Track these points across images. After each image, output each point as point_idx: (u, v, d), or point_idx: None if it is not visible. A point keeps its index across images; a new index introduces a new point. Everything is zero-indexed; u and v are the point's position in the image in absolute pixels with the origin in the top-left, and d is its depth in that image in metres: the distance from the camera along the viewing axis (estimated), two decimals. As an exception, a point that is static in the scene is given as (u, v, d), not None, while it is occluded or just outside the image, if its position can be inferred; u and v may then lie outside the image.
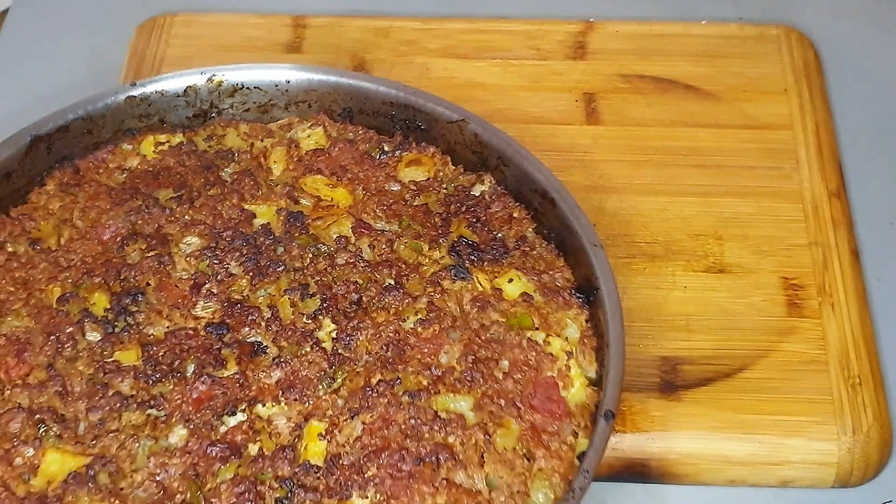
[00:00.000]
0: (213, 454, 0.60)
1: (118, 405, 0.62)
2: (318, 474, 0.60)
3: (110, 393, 0.63)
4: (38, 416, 0.61)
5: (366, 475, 0.60)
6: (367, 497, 0.59)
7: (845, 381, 0.74)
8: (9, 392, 0.63)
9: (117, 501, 0.59)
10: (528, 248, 0.72)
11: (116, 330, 0.66)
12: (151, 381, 0.63)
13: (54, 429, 0.61)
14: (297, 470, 0.60)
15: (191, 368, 0.64)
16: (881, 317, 0.79)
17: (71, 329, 0.65)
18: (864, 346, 0.76)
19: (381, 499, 0.59)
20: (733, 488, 0.72)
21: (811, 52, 0.94)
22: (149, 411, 0.62)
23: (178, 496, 0.59)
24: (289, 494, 0.59)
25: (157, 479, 0.60)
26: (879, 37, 0.99)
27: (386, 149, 0.77)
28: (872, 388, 0.74)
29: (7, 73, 0.94)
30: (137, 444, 0.61)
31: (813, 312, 0.77)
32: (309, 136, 0.77)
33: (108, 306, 0.67)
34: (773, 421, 0.72)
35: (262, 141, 0.77)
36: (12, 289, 0.67)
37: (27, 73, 0.94)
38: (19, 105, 0.89)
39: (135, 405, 0.62)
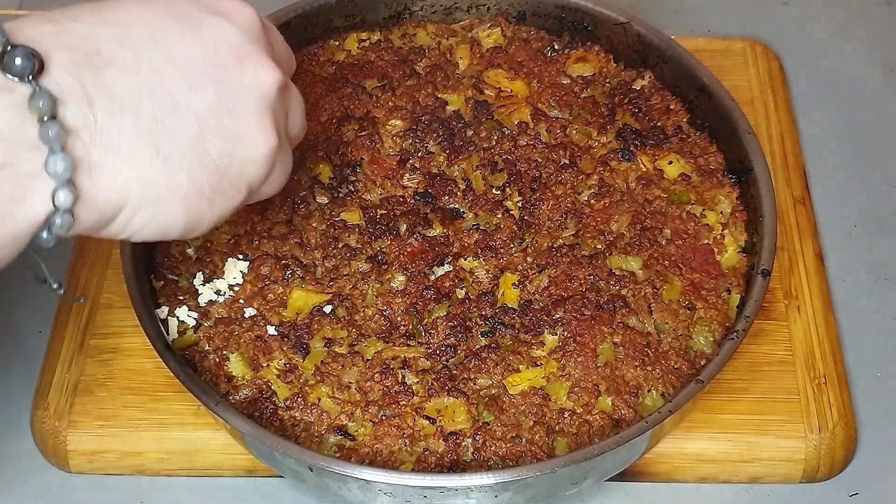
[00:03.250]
0: (428, 296, 0.73)
1: (347, 255, 0.75)
2: (515, 315, 0.72)
3: (340, 245, 0.75)
4: (283, 261, 0.74)
5: (554, 317, 0.72)
6: (556, 334, 0.71)
7: (811, 381, 0.78)
8: (257, 242, 0.76)
9: (354, 330, 0.72)
10: (684, 136, 0.82)
11: (340, 195, 0.78)
12: (373, 237, 0.76)
13: (298, 272, 0.74)
14: (497, 310, 0.72)
15: (403, 228, 0.76)
16: (845, 318, 0.83)
17: (304, 193, 0.78)
18: (828, 347, 0.80)
19: (568, 335, 0.71)
20: (705, 485, 0.76)
21: (776, 64, 0.98)
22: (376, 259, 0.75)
23: (401, 327, 0.72)
24: (492, 329, 0.72)
25: (385, 314, 0.72)
26: (842, 48, 1.02)
27: (556, 47, 0.87)
28: (837, 387, 0.78)
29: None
30: (367, 286, 0.73)
31: (780, 315, 0.81)
32: (488, 36, 0.88)
33: (332, 175, 0.79)
34: (742, 420, 0.76)
35: (447, 39, 0.88)
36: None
37: None
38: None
39: (362, 256, 0.75)
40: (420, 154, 0.80)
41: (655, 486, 0.77)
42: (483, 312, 0.72)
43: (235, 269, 0.74)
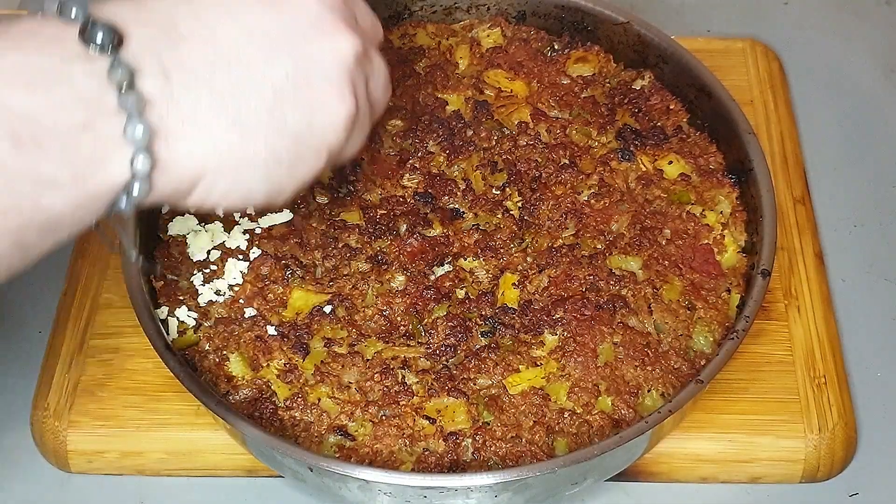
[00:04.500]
0: (428, 296, 0.73)
1: (347, 255, 0.75)
2: (515, 315, 0.72)
3: (340, 245, 0.75)
4: (283, 261, 0.75)
5: (554, 317, 0.72)
6: (555, 334, 0.71)
7: (811, 381, 0.78)
8: (257, 242, 0.76)
9: (354, 330, 0.72)
10: (684, 136, 0.82)
11: (340, 195, 0.78)
12: (373, 237, 0.76)
13: (298, 272, 0.74)
14: (497, 310, 0.72)
15: (403, 228, 0.76)
16: (845, 317, 0.83)
17: (304, 193, 0.78)
18: (828, 347, 0.80)
19: (568, 335, 0.71)
20: (705, 485, 0.76)
21: (776, 64, 0.97)
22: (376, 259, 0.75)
23: (401, 327, 0.72)
24: (492, 329, 0.72)
25: (385, 314, 0.73)
26: (842, 48, 1.02)
27: (556, 47, 0.87)
28: (837, 386, 0.78)
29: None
30: (367, 286, 0.73)
31: (780, 315, 0.81)
32: (488, 36, 0.88)
33: (332, 175, 0.79)
34: (742, 420, 0.76)
35: (447, 39, 0.88)
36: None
37: None
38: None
39: (362, 256, 0.75)
40: (420, 154, 0.80)
41: (655, 486, 0.77)
42: (483, 312, 0.72)
43: (235, 269, 0.74)
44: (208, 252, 0.75)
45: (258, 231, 0.76)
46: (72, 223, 0.50)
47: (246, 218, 0.77)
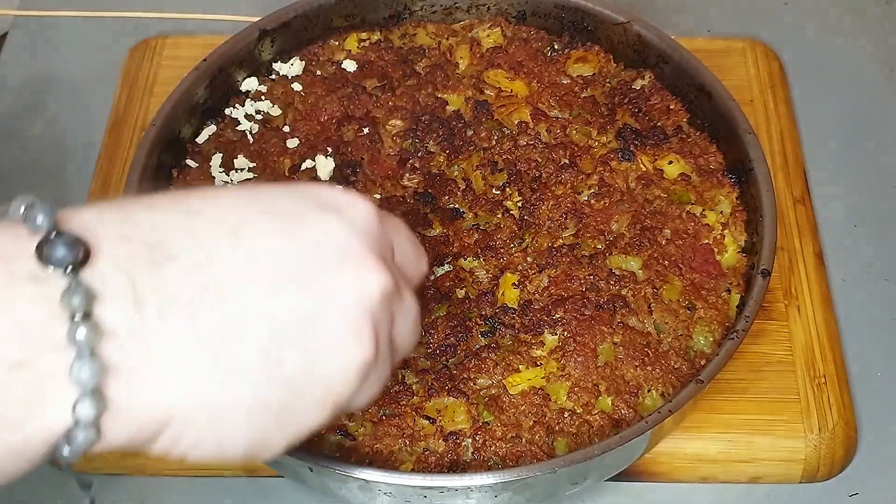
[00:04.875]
0: (428, 296, 0.73)
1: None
2: (514, 315, 0.72)
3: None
4: (283, 261, 0.74)
5: (554, 317, 0.72)
6: (555, 334, 0.71)
7: (811, 381, 0.78)
8: (257, 242, 0.76)
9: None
10: (684, 136, 0.82)
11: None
12: (373, 237, 0.76)
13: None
14: (497, 310, 0.72)
15: (404, 228, 0.76)
16: (845, 318, 0.83)
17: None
18: (828, 347, 0.80)
19: (568, 335, 0.71)
20: (705, 485, 0.76)
21: (776, 64, 0.98)
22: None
23: (402, 328, 0.72)
24: (491, 329, 0.72)
25: (385, 313, 0.73)
26: (842, 48, 1.02)
27: (556, 47, 0.87)
28: (837, 386, 0.78)
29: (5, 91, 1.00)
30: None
31: (780, 315, 0.81)
32: (488, 36, 0.88)
33: (332, 175, 0.79)
34: (742, 420, 0.76)
35: (447, 39, 0.88)
36: (252, 163, 0.80)
37: (26, 92, 0.99)
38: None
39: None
40: (420, 154, 0.80)
41: (655, 486, 0.77)
42: (483, 312, 0.72)
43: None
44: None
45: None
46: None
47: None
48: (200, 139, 0.82)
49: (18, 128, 0.97)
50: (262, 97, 0.84)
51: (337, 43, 0.87)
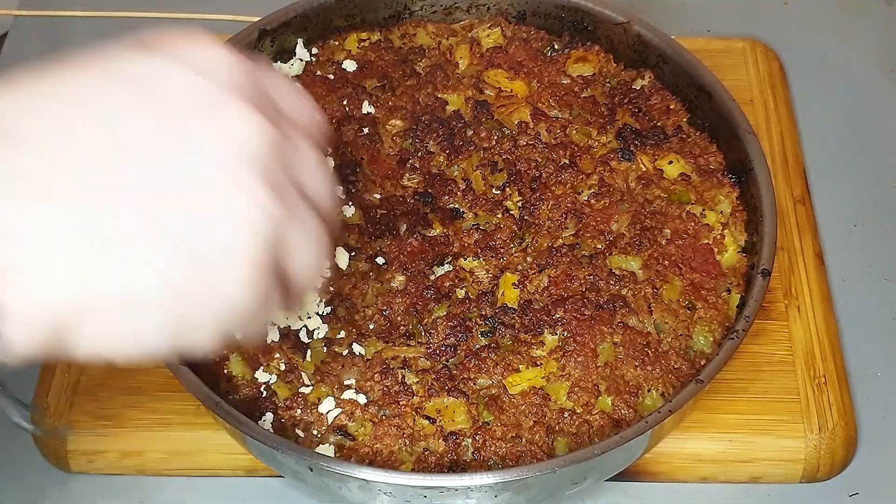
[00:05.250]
0: (428, 296, 0.73)
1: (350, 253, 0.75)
2: (514, 314, 0.72)
3: (340, 244, 0.75)
4: (283, 261, 0.74)
5: (554, 317, 0.72)
6: (555, 334, 0.71)
7: (811, 381, 0.78)
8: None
9: (354, 329, 0.72)
10: (684, 136, 0.82)
11: (340, 196, 0.78)
12: (373, 237, 0.76)
13: (298, 272, 0.74)
14: (497, 310, 0.72)
15: (403, 228, 0.76)
16: (845, 317, 0.83)
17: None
18: (828, 346, 0.80)
19: (568, 335, 0.71)
20: (705, 485, 0.76)
21: (776, 64, 0.98)
22: (376, 260, 0.75)
23: (401, 327, 0.72)
24: (492, 329, 0.72)
25: (385, 313, 0.72)
26: (842, 48, 1.02)
27: (556, 47, 0.87)
28: (837, 386, 0.78)
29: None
30: (367, 286, 0.73)
31: (780, 315, 0.81)
32: (488, 36, 0.88)
33: (332, 175, 0.79)
34: (742, 420, 0.76)
35: (447, 39, 0.88)
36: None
37: None
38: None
39: (362, 256, 0.75)
40: (420, 154, 0.80)
41: (655, 486, 0.77)
42: (483, 312, 0.72)
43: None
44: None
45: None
46: None
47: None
48: (200, 139, 0.82)
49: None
50: (262, 97, 0.84)
51: (337, 43, 0.87)
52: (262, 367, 0.70)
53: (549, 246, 0.75)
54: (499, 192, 0.79)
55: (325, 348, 0.71)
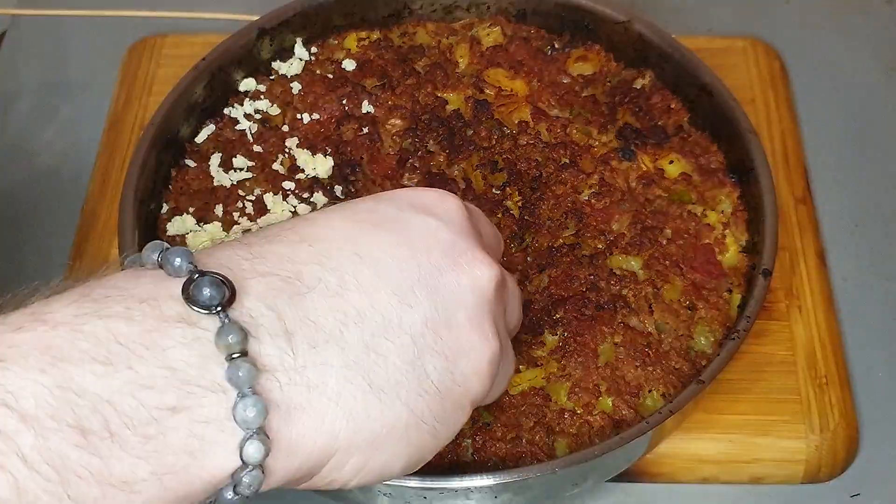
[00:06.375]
0: (428, 296, 0.73)
1: (347, 255, 0.75)
2: (515, 315, 0.72)
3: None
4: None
5: (554, 317, 0.71)
6: (556, 334, 0.71)
7: (812, 381, 0.77)
8: (256, 242, 0.76)
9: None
10: (685, 135, 0.82)
11: (339, 195, 0.78)
12: (373, 237, 0.75)
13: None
14: (497, 311, 0.72)
15: (403, 227, 0.76)
16: (847, 317, 0.83)
17: (305, 194, 0.77)
18: (830, 347, 0.79)
19: (568, 336, 0.71)
20: (706, 485, 0.76)
21: (777, 63, 0.97)
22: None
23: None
24: (492, 330, 0.71)
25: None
26: (843, 47, 1.02)
27: (556, 46, 0.87)
28: (839, 387, 0.78)
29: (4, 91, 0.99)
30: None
31: (781, 315, 0.80)
32: (488, 35, 0.88)
33: (332, 175, 0.79)
34: (743, 421, 0.75)
35: (447, 38, 0.88)
36: (251, 162, 0.80)
37: (24, 91, 0.99)
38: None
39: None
40: (420, 153, 0.80)
41: (656, 486, 0.76)
42: (483, 312, 0.72)
43: None
44: (207, 252, 0.75)
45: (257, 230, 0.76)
46: None
47: (245, 217, 0.76)
48: (199, 138, 0.81)
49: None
50: (262, 96, 0.84)
51: (336, 42, 0.87)
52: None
53: (549, 246, 0.75)
54: (499, 191, 0.78)
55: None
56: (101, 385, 0.38)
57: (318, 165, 0.78)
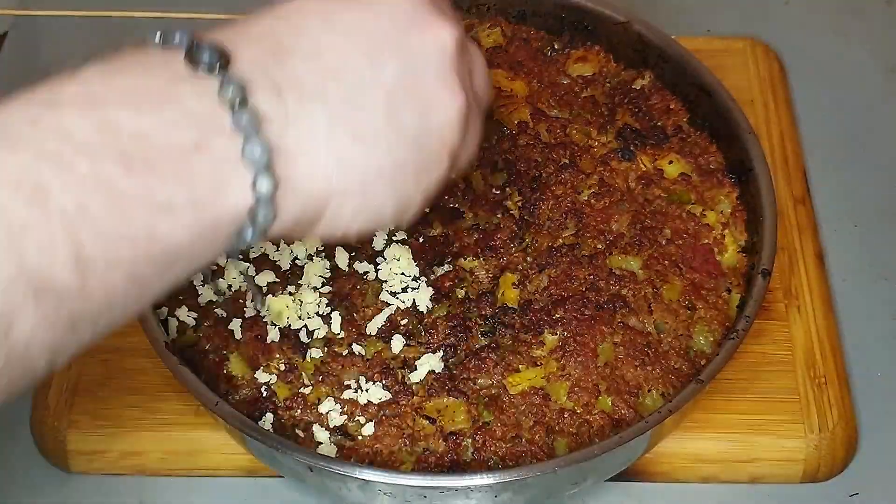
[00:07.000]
0: (429, 295, 0.73)
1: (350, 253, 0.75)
2: (515, 315, 0.72)
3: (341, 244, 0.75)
4: (283, 261, 0.74)
5: (554, 317, 0.72)
6: (556, 334, 0.71)
7: (811, 381, 0.78)
8: (257, 242, 0.76)
9: (353, 329, 0.72)
10: (684, 136, 0.82)
11: (340, 195, 0.78)
12: (372, 238, 0.76)
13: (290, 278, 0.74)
14: (497, 310, 0.72)
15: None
16: (845, 317, 0.83)
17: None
18: (829, 346, 0.80)
19: (568, 335, 0.71)
20: (706, 485, 0.76)
21: (776, 64, 0.97)
22: (376, 260, 0.75)
23: (401, 327, 0.72)
24: (491, 329, 0.72)
25: (383, 312, 0.73)
26: (843, 48, 1.02)
27: (556, 46, 0.87)
28: (837, 386, 0.78)
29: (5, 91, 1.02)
30: (367, 286, 0.73)
31: (780, 315, 0.81)
32: (488, 35, 0.88)
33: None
34: (742, 420, 0.75)
35: (447, 38, 0.88)
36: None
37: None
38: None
39: (362, 256, 0.75)
40: (420, 154, 0.80)
41: (656, 486, 0.77)
42: (483, 312, 0.72)
43: (235, 270, 0.74)
44: (208, 252, 0.75)
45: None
46: (190, 257, 0.46)
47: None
48: (200, 139, 0.82)
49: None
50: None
51: (337, 42, 0.87)
52: (262, 368, 0.70)
53: (549, 246, 0.75)
54: (499, 191, 0.78)
55: (325, 348, 0.71)
56: (135, 123, 0.44)
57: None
